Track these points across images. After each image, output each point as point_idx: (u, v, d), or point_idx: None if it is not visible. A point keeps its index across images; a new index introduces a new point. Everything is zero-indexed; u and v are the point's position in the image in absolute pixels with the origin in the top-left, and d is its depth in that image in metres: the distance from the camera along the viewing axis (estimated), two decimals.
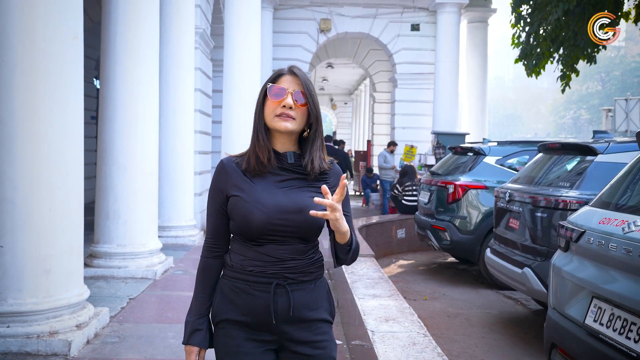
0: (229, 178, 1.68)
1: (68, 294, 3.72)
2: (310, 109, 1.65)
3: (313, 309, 1.67)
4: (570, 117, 72.25)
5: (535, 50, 10.75)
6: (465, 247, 6.46)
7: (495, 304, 5.71)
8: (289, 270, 1.63)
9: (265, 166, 1.65)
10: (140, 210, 5.74)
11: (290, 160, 1.68)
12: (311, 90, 1.66)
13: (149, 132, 5.78)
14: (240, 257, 1.66)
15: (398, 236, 8.51)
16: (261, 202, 1.62)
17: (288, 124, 1.62)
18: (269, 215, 1.60)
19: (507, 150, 6.82)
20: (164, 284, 5.51)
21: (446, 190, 6.63)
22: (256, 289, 1.63)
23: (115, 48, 5.60)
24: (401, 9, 14.05)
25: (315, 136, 1.68)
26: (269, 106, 1.65)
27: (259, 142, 1.66)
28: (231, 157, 1.75)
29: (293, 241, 1.64)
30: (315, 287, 1.69)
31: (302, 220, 1.61)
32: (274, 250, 1.63)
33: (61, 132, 3.66)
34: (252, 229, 1.62)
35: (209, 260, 1.76)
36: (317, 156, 1.68)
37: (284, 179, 1.67)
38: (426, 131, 13.85)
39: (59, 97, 3.63)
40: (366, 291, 3.90)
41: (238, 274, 1.66)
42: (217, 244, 1.75)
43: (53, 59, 3.58)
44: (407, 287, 6.25)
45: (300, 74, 1.67)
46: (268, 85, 1.66)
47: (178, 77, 7.70)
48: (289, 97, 1.63)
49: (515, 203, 4.74)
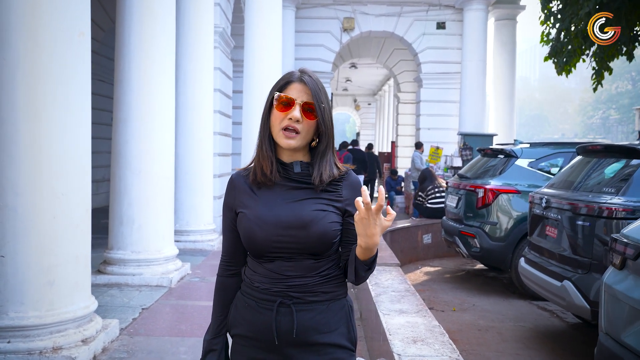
0: (237, 194, 1.62)
1: (73, 306, 3.51)
2: (319, 122, 1.54)
3: (323, 332, 1.53)
4: (599, 117, 70.83)
5: (566, 47, 10.35)
6: (496, 254, 6.10)
7: (529, 316, 5.36)
8: (294, 288, 1.53)
9: (269, 178, 1.56)
10: (156, 215, 5.54)
11: (296, 169, 1.57)
12: (322, 101, 1.54)
13: (164, 133, 5.58)
14: (251, 272, 1.61)
15: (424, 241, 8.18)
16: (262, 218, 1.54)
17: (292, 141, 1.52)
18: (270, 232, 1.52)
19: (540, 152, 6.43)
20: (179, 293, 5.29)
21: (475, 195, 6.28)
22: (261, 307, 1.55)
23: (129, 47, 5.40)
24: (426, 6, 13.70)
25: (326, 150, 1.58)
26: (275, 116, 1.55)
27: (262, 153, 1.57)
28: (240, 172, 1.67)
29: (301, 257, 1.53)
30: (329, 308, 1.55)
31: (307, 236, 1.50)
32: (280, 267, 1.54)
33: (66, 134, 3.45)
34: (256, 246, 1.55)
35: (224, 280, 1.71)
36: (326, 170, 1.56)
37: (289, 189, 1.57)
38: (452, 132, 13.48)
39: (64, 97, 3.42)
40: (391, 306, 3.60)
41: (249, 289, 1.60)
42: (232, 262, 1.69)
43: (57, 57, 3.37)
44: (434, 297, 5.92)
45: (310, 82, 1.55)
46: (275, 94, 1.56)
47: (196, 77, 7.51)
48: (297, 109, 1.52)
49: (553, 210, 4.39)
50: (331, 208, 1.54)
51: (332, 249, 1.56)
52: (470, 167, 7.20)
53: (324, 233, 1.51)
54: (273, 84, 5.61)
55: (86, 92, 3.64)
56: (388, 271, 4.68)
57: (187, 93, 7.46)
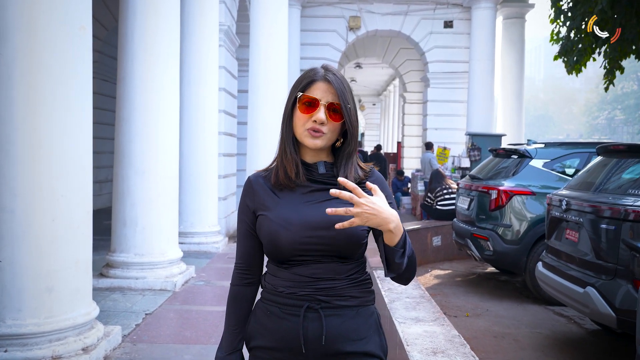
0: (257, 196, 1.52)
1: (73, 313, 3.36)
2: (346, 123, 1.47)
3: (353, 339, 1.44)
4: (604, 117, 70.56)
5: (577, 46, 10.17)
6: (510, 258, 5.91)
7: (546, 322, 5.17)
8: (323, 291, 1.43)
9: (293, 180, 1.48)
10: (160, 216, 5.40)
11: (320, 170, 1.51)
12: (348, 100, 1.47)
13: (168, 133, 5.43)
14: (273, 278, 1.49)
15: (434, 244, 8.00)
16: (288, 219, 1.44)
17: (318, 141, 1.46)
18: (297, 234, 1.43)
19: (555, 152, 6.22)
20: (183, 297, 5.14)
21: (488, 196, 6.09)
22: (286, 313, 1.45)
23: (132, 43, 5.25)
24: (434, 5, 13.52)
25: (352, 152, 1.52)
26: (299, 118, 1.47)
27: (286, 155, 1.49)
28: (259, 173, 1.58)
29: (328, 260, 1.44)
30: (358, 314, 1.46)
31: (336, 237, 1.41)
32: (307, 270, 1.44)
33: (66, 133, 3.30)
34: (281, 250, 1.45)
35: (239, 289, 1.57)
36: (351, 172, 1.50)
37: (313, 190, 1.49)
38: (460, 132, 13.30)
39: (64, 94, 3.27)
40: (407, 313, 3.43)
41: (271, 295, 1.49)
42: (249, 269, 1.57)
43: (57, 53, 3.22)
44: (446, 302, 5.75)
45: (335, 80, 1.47)
46: (298, 95, 1.48)
47: (201, 76, 7.36)
48: (321, 110, 1.45)
49: (573, 212, 4.21)
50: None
51: (359, 251, 1.48)
52: (482, 167, 7.01)
53: (352, 233, 1.42)
54: (278, 82, 5.45)
55: (87, 89, 3.49)
56: None
57: (191, 92, 7.32)
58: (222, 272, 6.24)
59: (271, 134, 8.19)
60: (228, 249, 7.73)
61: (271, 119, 8.15)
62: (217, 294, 5.30)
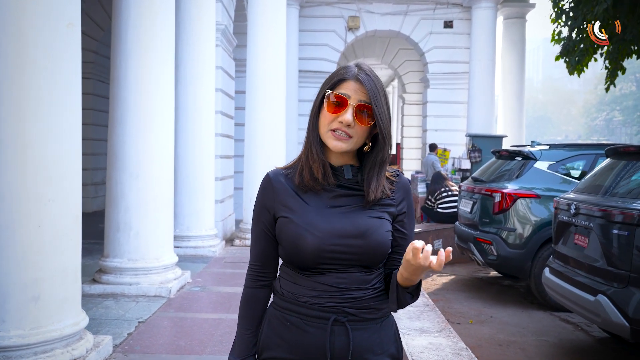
0: (277, 195, 1.44)
1: (61, 324, 3.20)
2: (378, 126, 1.38)
3: (377, 353, 1.41)
4: (602, 119, 70.46)
5: (578, 46, 10.05)
6: (515, 262, 5.75)
7: (552, 329, 5.02)
8: (351, 303, 1.38)
9: (320, 183, 1.41)
10: (154, 221, 5.24)
11: (347, 175, 1.43)
12: (381, 103, 1.37)
13: (163, 135, 5.28)
14: (293, 285, 1.43)
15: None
16: (314, 224, 1.38)
17: (342, 143, 1.38)
18: (323, 241, 1.36)
19: (560, 154, 6.06)
20: (178, 304, 4.98)
21: (492, 199, 5.93)
22: (310, 325, 1.38)
23: (125, 42, 5.10)
24: (433, 5, 13.38)
25: (383, 159, 1.42)
26: (325, 117, 1.39)
27: (312, 155, 1.42)
28: (279, 170, 1.50)
29: (354, 270, 1.39)
30: (382, 327, 1.43)
31: (364, 246, 1.37)
32: (333, 280, 1.38)
33: (54, 135, 3.14)
34: (304, 256, 1.38)
35: (254, 291, 1.51)
36: (381, 184, 1.42)
37: (340, 195, 1.42)
38: (460, 134, 13.16)
39: (51, 94, 3.11)
40: (411, 324, 3.28)
41: (290, 304, 1.42)
42: (264, 271, 1.50)
43: (43, 50, 3.07)
44: (449, 307, 5.59)
45: (368, 81, 1.37)
46: (326, 92, 1.40)
47: (197, 76, 7.21)
48: (349, 111, 1.36)
49: (582, 216, 4.06)
50: (386, 215, 1.43)
51: (383, 261, 1.45)
52: (485, 169, 6.85)
53: (382, 243, 1.39)
54: (276, 83, 5.26)
55: (76, 88, 3.33)
56: None
57: (187, 92, 7.17)
58: (219, 277, 6.09)
59: (269, 136, 8.05)
60: (225, 252, 7.57)
61: (269, 120, 8.01)
62: (213, 301, 5.14)
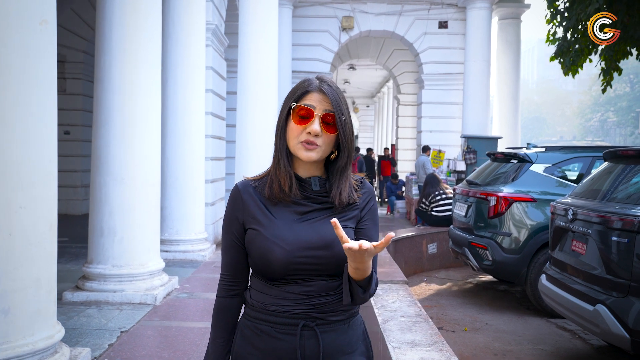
0: (246, 207, 1.48)
1: (33, 337, 3.03)
2: (340, 136, 1.43)
3: (347, 352, 1.46)
4: (597, 119, 70.64)
5: (573, 47, 9.96)
6: (510, 268, 5.61)
7: (549, 337, 4.88)
8: (318, 308, 1.42)
9: (287, 195, 1.45)
10: (140, 225, 5.08)
11: (314, 187, 1.47)
12: (343, 111, 1.43)
13: (149, 136, 5.12)
14: (262, 295, 1.46)
15: (429, 251, 7.70)
16: (282, 237, 1.42)
17: (312, 154, 1.42)
18: (291, 253, 1.40)
19: (557, 157, 5.92)
20: (164, 312, 4.82)
21: (487, 203, 5.80)
22: (280, 332, 1.42)
23: (110, 41, 4.95)
24: (428, 5, 13.24)
25: (346, 166, 1.47)
26: (293, 129, 1.43)
27: (280, 168, 1.45)
28: (248, 181, 1.52)
29: (320, 279, 1.43)
30: (350, 327, 1.48)
31: (330, 257, 1.41)
32: (298, 288, 1.43)
33: (24, 137, 2.97)
34: (273, 268, 1.42)
35: (225, 301, 1.53)
36: (346, 187, 1.47)
37: (308, 209, 1.46)
38: (455, 135, 13.03)
39: (22, 95, 2.94)
40: (402, 336, 3.12)
41: (260, 313, 1.45)
42: (235, 281, 1.53)
43: (14, 49, 2.90)
44: (443, 314, 5.45)
45: (331, 92, 1.43)
46: (292, 105, 1.44)
47: (187, 77, 7.05)
48: (316, 122, 1.41)
49: (579, 222, 3.92)
50: (350, 223, 1.47)
51: None
52: (480, 172, 6.71)
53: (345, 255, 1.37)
54: (268, 84, 5.05)
55: (50, 88, 3.17)
56: (395, 290, 4.21)
57: (177, 93, 7.01)
58: (208, 282, 5.93)
59: (261, 137, 7.88)
60: (215, 257, 7.41)
61: (261, 122, 7.84)
62: (201, 308, 4.99)
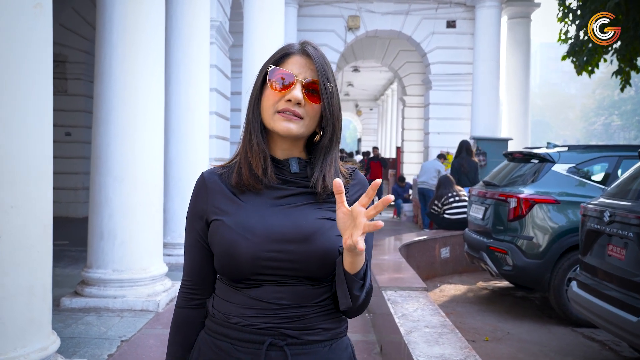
0: (210, 197, 1.25)
1: (26, 349, 2.77)
2: (324, 106, 1.19)
3: None
4: (601, 123, 70.34)
5: (587, 45, 9.72)
6: (532, 273, 5.32)
7: (576, 347, 4.60)
8: (290, 323, 1.16)
9: (260, 179, 1.21)
10: (141, 228, 4.83)
11: (293, 168, 1.24)
12: (329, 78, 1.20)
13: (151, 136, 4.87)
14: (224, 304, 1.22)
15: (442, 256, 7.42)
16: (249, 227, 1.18)
17: (292, 125, 1.18)
18: (260, 246, 1.16)
19: (580, 156, 5.63)
20: (167, 319, 4.54)
21: (507, 205, 5.52)
22: (241, 350, 1.17)
23: (110, 36, 4.73)
24: (436, 4, 13.00)
25: (330, 145, 1.24)
26: (269, 97, 1.20)
27: (251, 146, 1.22)
28: (215, 169, 1.29)
29: (295, 282, 1.17)
30: (331, 350, 1.20)
31: (308, 252, 1.16)
32: (269, 294, 1.17)
33: (18, 132, 2.71)
34: (237, 265, 1.17)
35: (185, 312, 1.31)
36: (330, 171, 1.22)
37: (285, 194, 1.22)
38: (463, 136, 12.69)
39: (14, 87, 2.68)
40: (429, 349, 2.84)
41: (220, 327, 1.21)
42: (196, 289, 1.29)
43: (4, 36, 2.64)
44: (461, 322, 5.17)
45: (316, 55, 1.20)
46: (269, 68, 1.21)
47: (191, 74, 6.79)
48: (297, 87, 1.18)
49: (617, 225, 3.65)
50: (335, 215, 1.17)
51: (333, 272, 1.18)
52: (496, 173, 6.43)
53: (329, 249, 1.16)
54: None
55: (45, 79, 2.91)
56: (415, 298, 3.93)
57: (180, 91, 6.75)
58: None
59: None
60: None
61: None
62: None
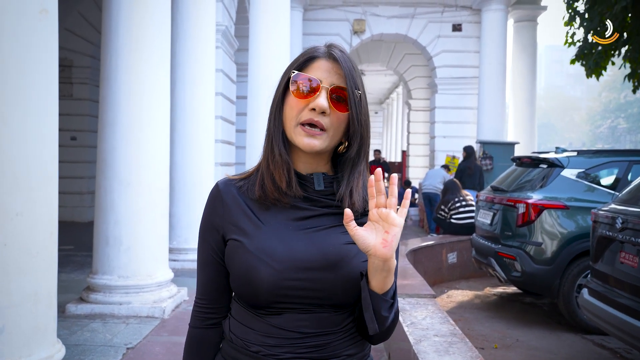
0: (227, 211, 1.13)
1: (31, 357, 2.74)
2: (352, 116, 1.07)
3: None
4: (607, 126, 70.06)
5: (596, 48, 9.65)
6: (541, 280, 5.26)
7: (587, 355, 4.53)
8: (314, 352, 1.06)
9: (284, 193, 1.10)
10: (147, 234, 4.80)
11: (318, 185, 1.12)
12: (357, 84, 1.08)
13: (157, 139, 4.83)
14: (243, 328, 1.11)
15: (449, 261, 7.37)
16: (271, 253, 1.06)
17: (315, 141, 1.07)
18: (282, 274, 1.05)
19: (590, 161, 5.57)
20: (173, 326, 4.51)
21: (515, 211, 5.46)
22: None
23: (117, 39, 4.69)
24: (441, 7, 12.96)
25: (358, 157, 1.12)
26: (292, 105, 1.09)
27: (273, 157, 1.11)
28: (231, 180, 1.17)
29: (319, 309, 1.07)
30: None
31: (334, 281, 1.05)
32: (291, 322, 1.06)
33: (24, 137, 2.69)
34: (257, 292, 1.06)
35: (199, 332, 1.20)
36: (359, 186, 1.11)
37: (308, 215, 1.10)
38: (469, 140, 12.71)
39: (19, 91, 2.66)
40: (439, 359, 2.79)
41: (239, 353, 1.10)
42: (211, 307, 1.19)
43: (10, 40, 2.62)
44: (470, 329, 5.11)
45: (343, 58, 1.08)
46: (292, 74, 1.10)
47: (196, 78, 6.77)
48: (322, 95, 1.06)
49: (630, 232, 3.59)
50: None
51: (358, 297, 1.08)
52: (504, 178, 6.38)
53: (356, 277, 1.05)
54: None
55: (51, 84, 2.88)
56: (423, 305, 3.88)
57: (185, 95, 6.72)
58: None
59: None
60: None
61: None
62: None
